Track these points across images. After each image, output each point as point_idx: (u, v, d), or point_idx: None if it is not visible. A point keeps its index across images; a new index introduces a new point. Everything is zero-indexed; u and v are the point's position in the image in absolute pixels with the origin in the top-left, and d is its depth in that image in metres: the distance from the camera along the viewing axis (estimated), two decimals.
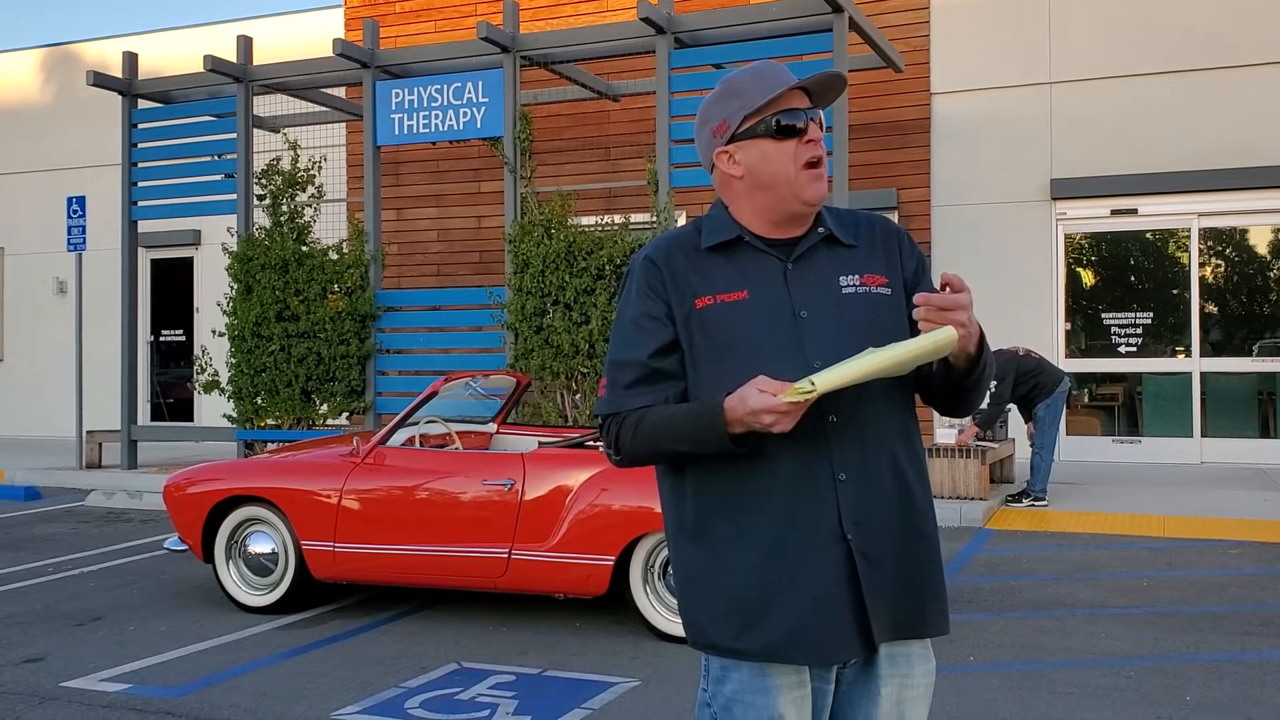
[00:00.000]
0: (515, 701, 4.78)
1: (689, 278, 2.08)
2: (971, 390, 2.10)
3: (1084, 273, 12.42)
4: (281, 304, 10.94)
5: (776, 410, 1.88)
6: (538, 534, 5.78)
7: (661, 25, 9.89)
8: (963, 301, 1.92)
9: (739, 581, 2.02)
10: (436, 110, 10.83)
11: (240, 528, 6.46)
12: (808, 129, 2.06)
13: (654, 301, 2.08)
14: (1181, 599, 6.46)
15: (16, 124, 17.12)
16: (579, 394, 10.11)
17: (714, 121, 2.11)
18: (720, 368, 2.02)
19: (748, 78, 2.08)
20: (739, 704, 2.05)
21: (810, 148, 2.06)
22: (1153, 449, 11.86)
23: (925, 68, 12.37)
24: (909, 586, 2.06)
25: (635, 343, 2.08)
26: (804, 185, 2.06)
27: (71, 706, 4.79)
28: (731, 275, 2.08)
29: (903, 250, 2.17)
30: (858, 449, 2.03)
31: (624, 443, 2.07)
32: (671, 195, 9.97)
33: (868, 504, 2.02)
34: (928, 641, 2.13)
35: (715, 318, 2.05)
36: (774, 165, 2.06)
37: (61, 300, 16.40)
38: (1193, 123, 11.62)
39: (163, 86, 12.28)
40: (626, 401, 2.07)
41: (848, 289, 2.08)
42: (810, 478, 2.00)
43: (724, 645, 2.04)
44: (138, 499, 10.75)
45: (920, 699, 2.12)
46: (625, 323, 2.11)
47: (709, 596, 2.06)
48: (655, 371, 2.07)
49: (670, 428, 2.02)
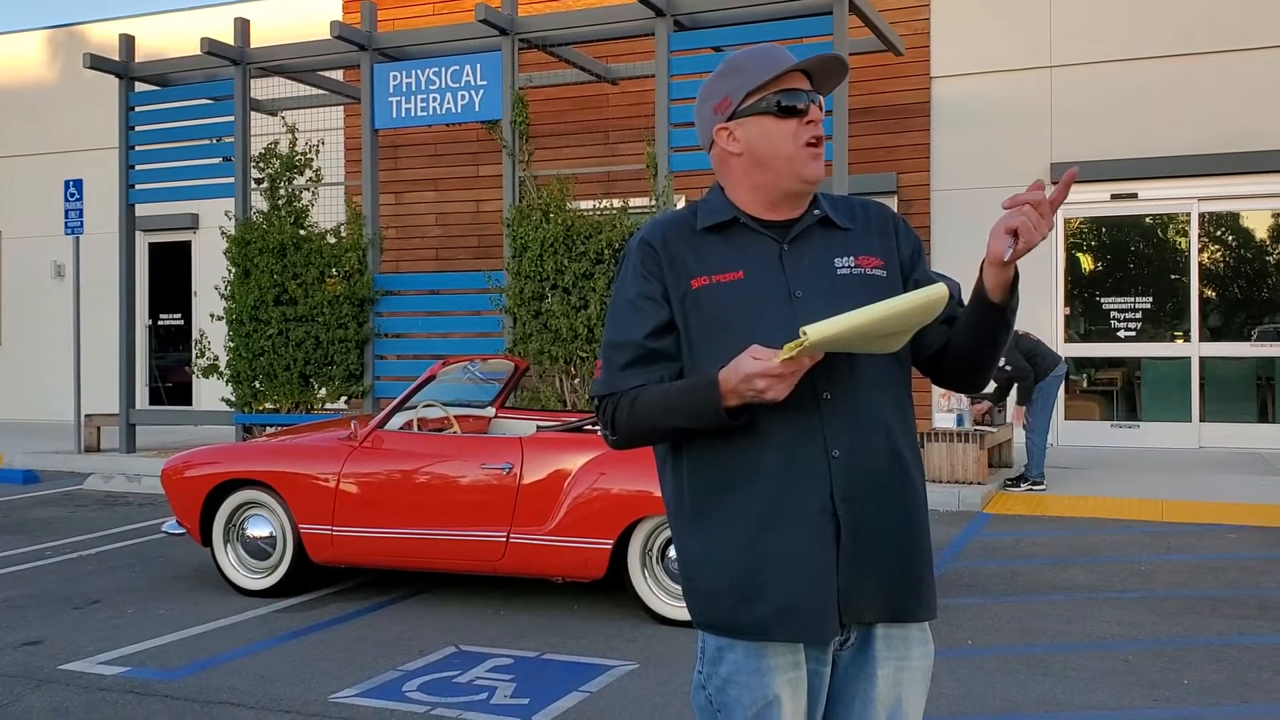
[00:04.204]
0: (513, 684, 4.79)
1: (685, 259, 2.08)
2: (997, 342, 2.07)
3: (1083, 257, 12.40)
4: (279, 288, 10.92)
5: (770, 374, 1.88)
6: (536, 518, 5.78)
7: (661, 8, 9.85)
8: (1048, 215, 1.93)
9: (732, 559, 2.03)
10: (434, 93, 10.79)
11: (238, 511, 6.46)
12: (809, 110, 2.07)
13: (650, 283, 2.08)
14: (1179, 583, 6.47)
15: (13, 107, 17.06)
16: (577, 378, 10.10)
17: (715, 98, 2.11)
18: (715, 347, 2.02)
19: (751, 56, 2.09)
20: (734, 684, 2.05)
21: (810, 128, 2.07)
22: (1151, 434, 11.86)
23: (925, 51, 12.33)
24: (897, 567, 2.06)
25: (631, 324, 2.08)
26: (803, 163, 2.06)
27: (69, 689, 4.79)
28: (727, 256, 2.08)
29: (899, 234, 2.17)
30: (851, 425, 2.02)
31: (620, 422, 2.07)
32: (670, 179, 9.95)
33: (860, 480, 2.02)
34: (925, 625, 2.13)
35: (711, 298, 2.05)
36: (774, 143, 2.06)
37: (59, 284, 16.36)
38: (1193, 107, 11.58)
39: (160, 69, 12.23)
40: (622, 382, 2.07)
41: (843, 270, 2.08)
42: (803, 454, 2.00)
43: (721, 624, 2.05)
44: (136, 482, 10.75)
45: (917, 682, 2.12)
46: (621, 304, 2.11)
47: (706, 575, 2.07)
48: (651, 352, 2.07)
49: (665, 404, 2.01)
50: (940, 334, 2.11)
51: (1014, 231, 1.94)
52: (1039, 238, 1.93)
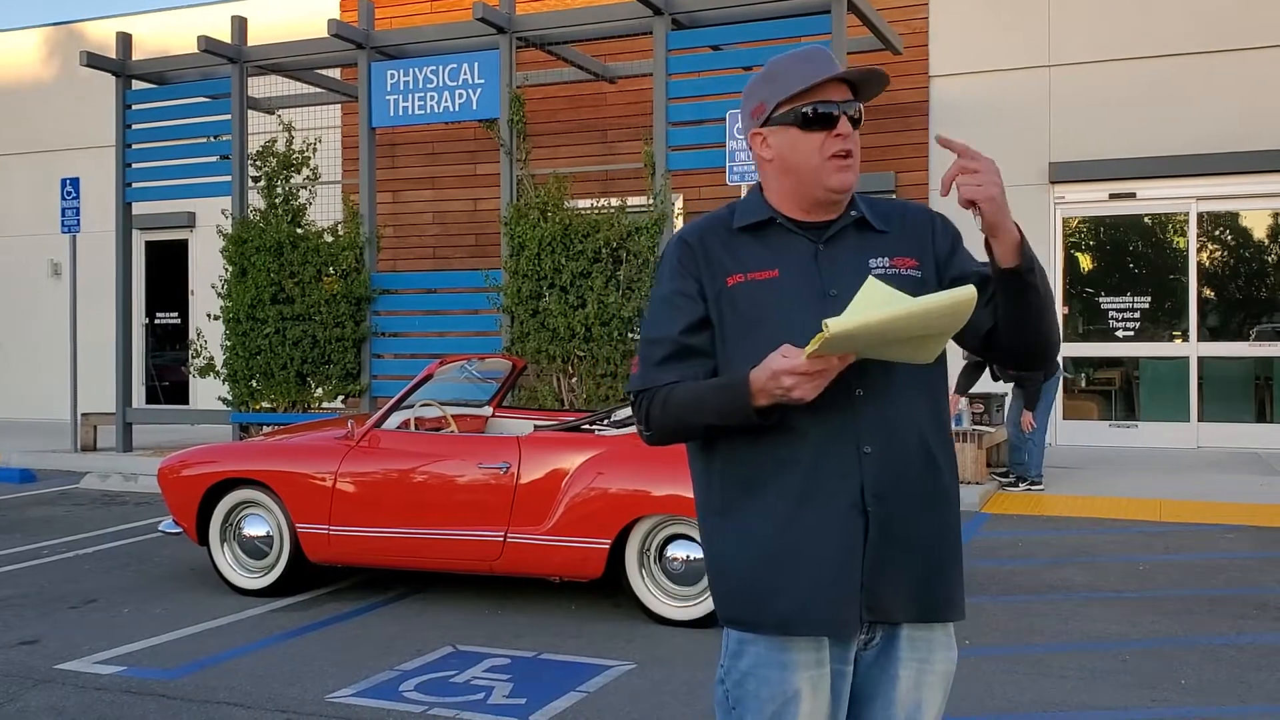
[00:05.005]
0: (510, 684, 4.78)
1: (721, 257, 2.11)
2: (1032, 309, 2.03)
3: (1082, 257, 12.40)
4: (276, 286, 10.90)
5: (796, 371, 1.88)
6: (533, 517, 5.77)
7: (659, 6, 9.83)
8: (977, 158, 1.95)
9: (757, 554, 2.05)
10: (432, 92, 10.77)
11: (235, 510, 6.45)
12: (839, 121, 2.05)
13: (686, 280, 2.11)
14: (1177, 583, 6.46)
15: (10, 104, 17.02)
16: (575, 377, 10.09)
17: (753, 103, 2.14)
18: (748, 344, 2.03)
19: (791, 61, 2.09)
20: (753, 678, 2.06)
21: (839, 141, 2.06)
22: (1149, 433, 11.86)
23: (924, 50, 12.32)
24: (926, 567, 2.06)
25: (667, 319, 2.11)
26: (829, 174, 2.07)
27: (66, 688, 4.78)
28: (763, 254, 2.10)
29: (935, 231, 2.17)
30: (884, 423, 2.03)
31: (654, 418, 2.10)
32: (668, 178, 9.93)
33: (892, 478, 2.02)
34: (950, 628, 2.14)
35: (746, 295, 2.07)
36: (801, 154, 2.07)
37: (56, 282, 16.32)
38: (1192, 106, 11.58)
39: (157, 67, 12.21)
40: (657, 377, 2.10)
41: (877, 270, 2.08)
42: (835, 450, 2.01)
43: (744, 618, 2.07)
44: (133, 481, 10.73)
45: (938, 684, 2.12)
46: (658, 301, 2.15)
47: (732, 571, 2.08)
48: (686, 348, 2.09)
49: (697, 401, 2.04)
50: (986, 315, 2.08)
51: (970, 202, 1.95)
52: (989, 191, 1.94)
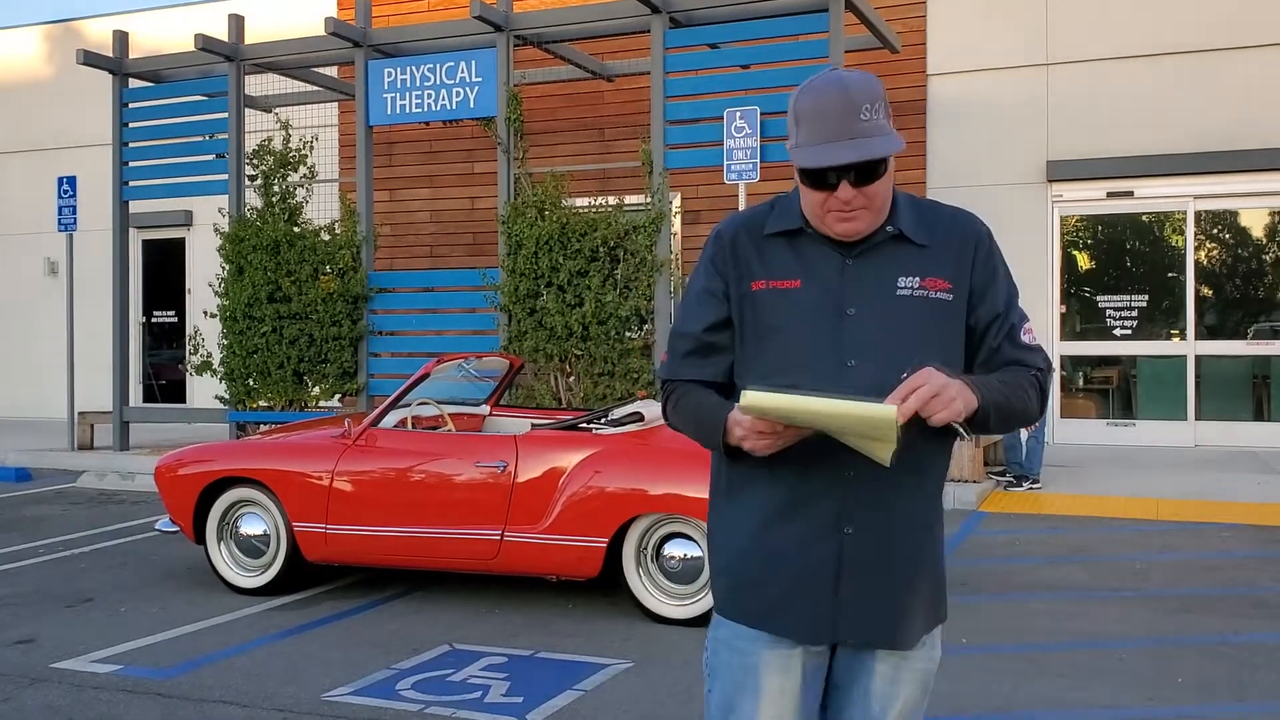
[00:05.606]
0: (507, 683, 4.77)
1: (750, 259, 2.12)
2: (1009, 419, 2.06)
3: (1079, 255, 12.40)
4: (273, 285, 10.89)
5: (742, 424, 1.94)
6: (530, 516, 5.77)
7: (657, 4, 9.82)
8: (917, 383, 1.87)
9: (738, 547, 2.13)
10: (429, 90, 10.76)
11: (232, 509, 6.44)
12: (838, 186, 2.00)
13: (715, 278, 2.15)
14: (1174, 581, 6.47)
15: (7, 102, 17.00)
16: (572, 376, 10.08)
17: (787, 128, 2.11)
18: (761, 350, 2.08)
19: (813, 113, 2.00)
20: (725, 647, 2.16)
21: (837, 202, 2.01)
22: (1147, 432, 11.86)
23: (922, 49, 12.31)
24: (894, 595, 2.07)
25: (694, 316, 2.17)
26: (833, 223, 2.05)
27: (62, 687, 4.77)
28: (789, 262, 2.10)
29: (976, 257, 2.11)
30: None
31: (668, 413, 2.21)
32: (665, 176, 9.93)
33: (872, 503, 2.04)
34: (936, 630, 2.17)
35: (765, 302, 2.09)
36: (809, 200, 2.06)
37: (53, 281, 16.30)
38: (1189, 105, 11.58)
39: (154, 66, 12.19)
40: (680, 370, 2.18)
41: (903, 290, 2.05)
42: (820, 467, 2.03)
43: (719, 602, 2.18)
44: (129, 480, 10.72)
45: (916, 680, 2.14)
46: (690, 295, 2.20)
47: (717, 555, 2.19)
48: (707, 345, 2.15)
49: (693, 416, 2.13)
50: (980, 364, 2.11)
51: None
52: (957, 406, 1.89)
